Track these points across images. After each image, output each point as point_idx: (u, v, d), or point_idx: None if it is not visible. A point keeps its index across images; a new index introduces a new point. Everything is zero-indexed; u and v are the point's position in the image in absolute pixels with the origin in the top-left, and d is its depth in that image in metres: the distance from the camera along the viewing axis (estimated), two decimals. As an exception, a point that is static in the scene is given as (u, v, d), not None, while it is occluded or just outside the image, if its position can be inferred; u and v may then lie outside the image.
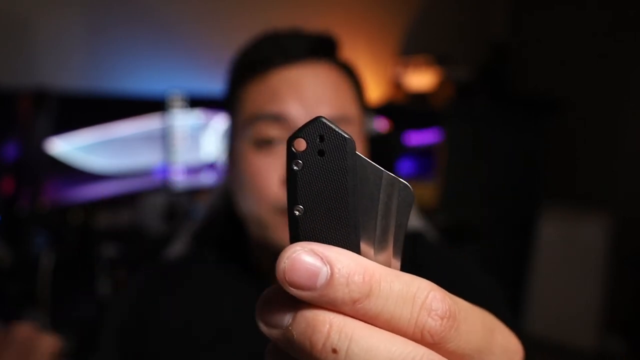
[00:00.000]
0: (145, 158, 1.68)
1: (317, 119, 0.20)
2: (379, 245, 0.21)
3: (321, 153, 0.20)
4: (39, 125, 1.38)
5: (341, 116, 0.61)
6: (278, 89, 0.61)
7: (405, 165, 2.52)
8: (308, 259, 0.19)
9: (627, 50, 2.78)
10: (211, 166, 1.83)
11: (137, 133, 1.66)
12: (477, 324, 0.21)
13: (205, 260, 0.71)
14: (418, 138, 2.55)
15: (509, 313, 0.61)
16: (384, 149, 0.77)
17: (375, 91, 2.67)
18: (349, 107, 0.63)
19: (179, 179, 1.75)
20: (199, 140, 1.79)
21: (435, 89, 2.60)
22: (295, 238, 0.21)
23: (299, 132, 0.20)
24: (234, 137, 0.66)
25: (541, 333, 2.76)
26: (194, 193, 1.83)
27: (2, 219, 1.35)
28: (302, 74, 0.62)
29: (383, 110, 2.42)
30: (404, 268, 0.22)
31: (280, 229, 0.60)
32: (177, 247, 0.84)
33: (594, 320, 2.69)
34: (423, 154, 2.57)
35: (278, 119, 0.59)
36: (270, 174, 0.59)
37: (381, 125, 2.18)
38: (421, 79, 2.63)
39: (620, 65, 2.79)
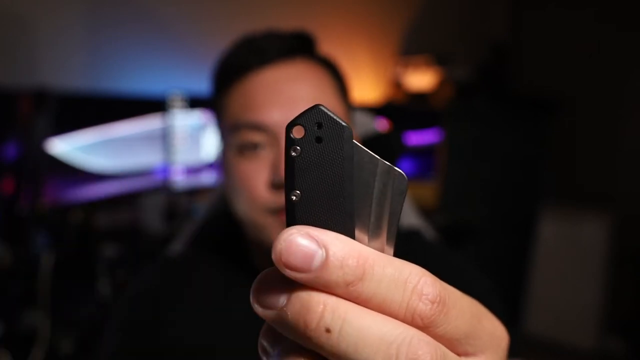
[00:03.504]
0: (145, 158, 1.68)
1: (316, 107, 0.21)
2: (373, 231, 0.22)
3: (319, 140, 0.21)
4: (39, 125, 1.38)
5: None
6: (255, 95, 0.61)
7: (405, 165, 2.52)
8: (304, 242, 0.20)
9: (627, 50, 2.78)
10: (211, 166, 1.83)
11: (137, 133, 1.66)
12: (465, 310, 0.22)
13: (206, 262, 0.71)
14: (418, 138, 2.55)
15: (501, 309, 0.62)
16: (384, 148, 0.78)
17: (375, 91, 2.67)
18: (330, 105, 0.62)
19: (179, 179, 1.75)
20: (199, 140, 1.79)
21: (435, 89, 2.60)
22: (292, 222, 0.21)
23: (298, 119, 0.21)
24: (222, 143, 0.67)
25: (541, 333, 2.76)
26: (194, 193, 1.83)
27: (2, 218, 1.35)
28: (278, 75, 0.62)
29: (383, 110, 2.42)
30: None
31: (274, 230, 0.61)
32: (176, 248, 0.85)
33: (594, 320, 2.69)
34: (423, 154, 2.57)
35: (257, 127, 0.60)
36: (256, 179, 0.60)
37: (381, 125, 2.18)
38: (421, 79, 2.64)
39: (620, 64, 2.79)
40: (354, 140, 0.21)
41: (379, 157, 0.21)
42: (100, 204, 1.60)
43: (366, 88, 2.62)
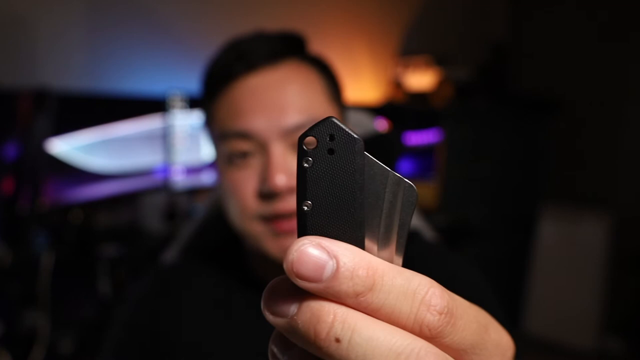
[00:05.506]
0: (145, 158, 1.68)
1: (329, 119, 0.21)
2: (383, 242, 0.22)
3: (331, 152, 0.21)
4: (39, 125, 1.38)
5: (311, 121, 0.60)
6: (242, 102, 0.60)
7: (405, 165, 2.52)
8: (315, 252, 0.20)
9: (627, 50, 2.78)
10: (211, 166, 1.83)
11: (137, 133, 1.66)
12: (472, 321, 0.22)
13: (204, 266, 0.70)
14: (418, 138, 2.55)
15: (500, 312, 0.61)
16: (384, 148, 0.78)
17: (375, 91, 2.67)
18: (320, 108, 0.62)
19: (179, 179, 1.75)
20: (199, 140, 1.79)
21: (435, 89, 2.60)
22: (303, 232, 0.22)
23: (310, 131, 0.21)
24: (214, 150, 0.67)
25: (541, 333, 2.76)
26: (194, 193, 1.83)
27: (2, 218, 1.35)
28: (265, 81, 0.61)
29: (383, 110, 2.42)
30: None
31: (265, 239, 0.60)
32: (173, 253, 0.84)
33: (593, 320, 2.69)
34: (423, 154, 2.57)
35: (243, 136, 0.59)
36: (245, 188, 0.60)
37: (381, 125, 2.18)
38: (421, 79, 2.63)
39: (620, 64, 2.79)
40: (365, 152, 0.21)
41: (389, 169, 0.22)
42: (100, 204, 1.60)
43: (366, 88, 2.62)
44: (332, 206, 0.21)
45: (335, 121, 0.21)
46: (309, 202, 0.21)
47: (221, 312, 0.65)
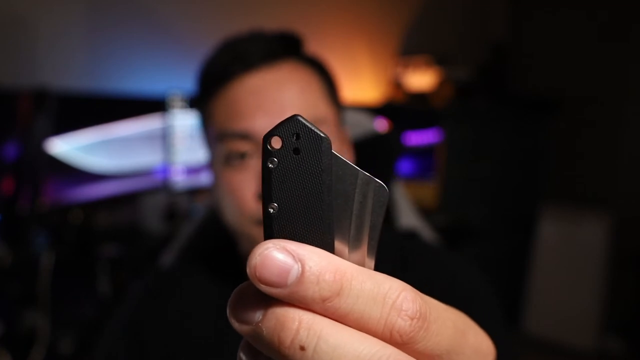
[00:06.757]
0: (145, 158, 1.68)
1: (294, 117, 0.20)
2: (353, 244, 0.22)
3: (296, 151, 0.20)
4: (39, 125, 1.38)
5: (311, 120, 0.59)
6: (241, 103, 0.59)
7: (405, 165, 2.52)
8: (279, 256, 0.19)
9: (627, 50, 2.78)
10: (206, 168, 1.82)
11: (137, 133, 1.66)
12: (448, 325, 0.21)
13: (201, 270, 0.70)
14: (418, 138, 2.55)
15: (497, 313, 0.61)
16: (384, 149, 0.78)
17: (375, 91, 2.67)
18: (319, 108, 0.61)
19: (179, 179, 1.75)
20: (199, 140, 1.79)
21: (435, 89, 2.60)
22: (269, 236, 0.21)
23: (275, 130, 0.21)
24: (210, 152, 0.66)
25: (541, 333, 2.76)
26: (194, 193, 1.83)
27: (2, 218, 1.35)
28: (263, 81, 0.60)
29: (383, 110, 2.42)
30: (391, 267, 0.22)
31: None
32: (171, 255, 0.84)
33: (593, 320, 2.69)
34: (423, 154, 2.57)
35: (243, 136, 0.58)
36: (244, 190, 0.59)
37: (381, 125, 2.18)
38: (421, 79, 2.64)
39: (620, 64, 2.79)
40: (333, 151, 0.20)
41: (358, 168, 0.21)
42: (100, 204, 1.60)
43: (366, 88, 2.62)
44: (299, 208, 0.21)
45: (301, 119, 0.20)
46: (275, 204, 0.21)
47: (212, 316, 0.65)
